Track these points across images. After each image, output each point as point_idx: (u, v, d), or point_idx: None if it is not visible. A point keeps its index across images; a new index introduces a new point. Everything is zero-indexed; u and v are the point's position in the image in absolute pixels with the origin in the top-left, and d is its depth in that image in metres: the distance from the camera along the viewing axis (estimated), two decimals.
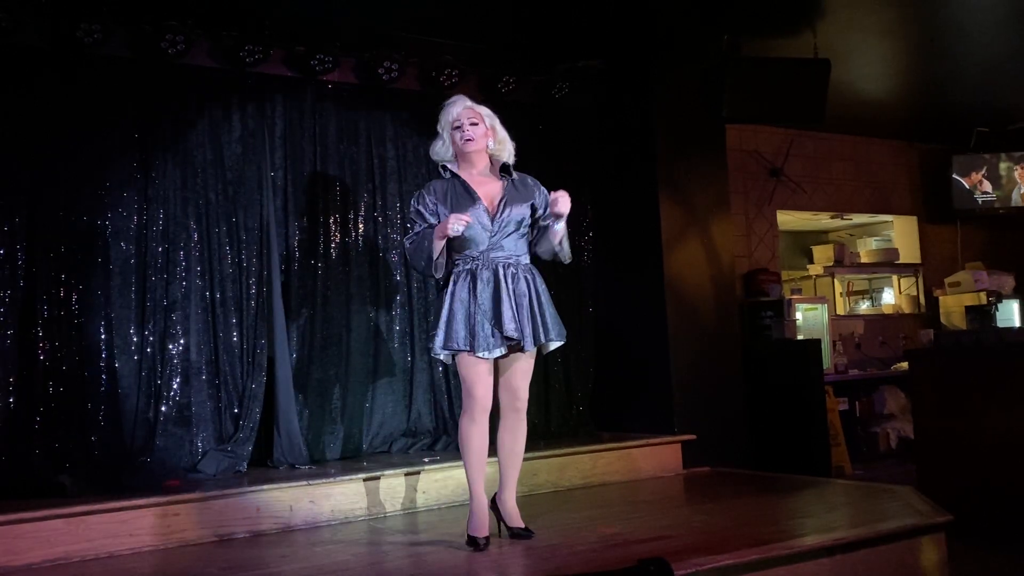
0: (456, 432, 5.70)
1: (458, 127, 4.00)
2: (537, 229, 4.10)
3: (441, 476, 5.00)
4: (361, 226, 5.73)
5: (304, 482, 4.70)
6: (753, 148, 7.94)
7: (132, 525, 4.25)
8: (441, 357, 3.95)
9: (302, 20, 5.33)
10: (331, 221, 5.64)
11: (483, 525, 3.95)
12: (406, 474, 4.94)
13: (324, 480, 4.76)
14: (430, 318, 5.80)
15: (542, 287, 4.04)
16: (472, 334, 3.87)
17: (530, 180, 4.13)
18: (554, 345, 4.07)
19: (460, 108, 4.02)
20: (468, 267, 3.94)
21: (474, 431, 3.94)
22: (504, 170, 4.08)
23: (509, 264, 3.96)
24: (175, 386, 5.04)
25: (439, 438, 5.76)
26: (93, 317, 4.89)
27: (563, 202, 3.93)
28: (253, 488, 4.59)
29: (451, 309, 3.90)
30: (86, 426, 4.79)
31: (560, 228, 4.03)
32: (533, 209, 4.06)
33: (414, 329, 5.83)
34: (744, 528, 4.16)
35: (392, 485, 4.91)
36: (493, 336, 3.88)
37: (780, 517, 4.63)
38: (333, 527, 4.64)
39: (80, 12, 4.72)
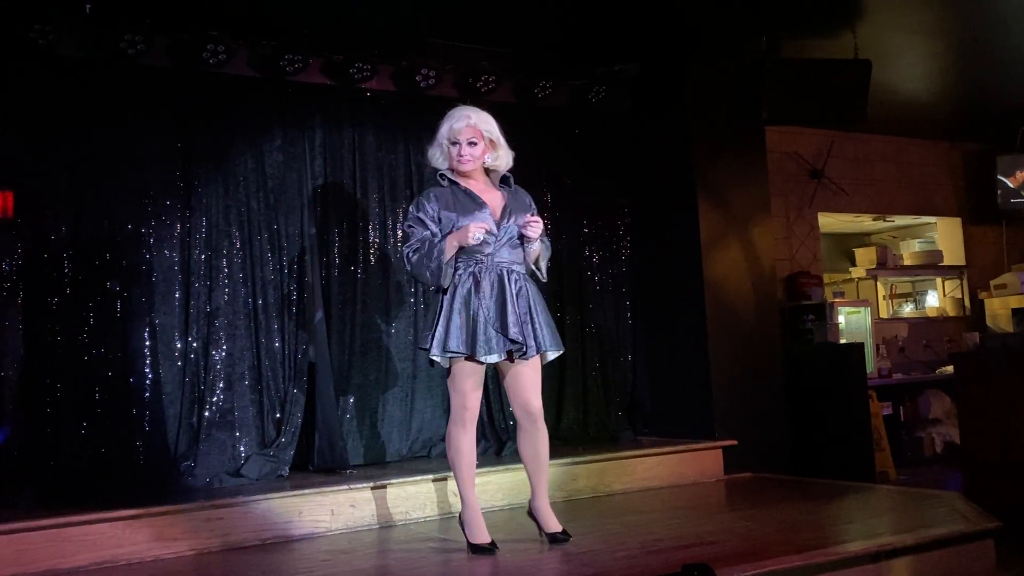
0: (495, 438, 5.77)
1: (455, 143, 3.99)
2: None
3: (480, 481, 4.94)
4: (400, 232, 5.75)
5: (345, 486, 4.73)
6: (793, 150, 7.87)
7: (177, 529, 4.31)
8: (438, 359, 3.91)
9: (340, 29, 5.37)
10: (370, 228, 5.68)
11: (483, 530, 4.00)
12: (446, 479, 4.95)
13: (365, 484, 4.78)
14: None
15: (538, 296, 4.05)
16: (473, 339, 3.85)
17: (524, 195, 4.14)
18: (552, 355, 4.07)
19: (461, 124, 3.97)
20: (471, 270, 3.92)
21: (465, 440, 3.98)
22: (504, 181, 4.10)
23: (512, 271, 3.97)
24: (218, 391, 5.10)
25: (477, 443, 5.75)
26: (138, 324, 4.96)
27: (532, 228, 3.94)
28: (295, 492, 4.63)
29: (451, 311, 3.88)
30: (131, 431, 4.86)
31: (535, 248, 4.03)
32: None
33: None
34: (787, 534, 4.12)
35: (432, 490, 4.93)
36: (495, 341, 3.87)
37: (823, 523, 4.58)
38: (374, 531, 4.67)
39: (123, 23, 4.79)
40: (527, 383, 3.99)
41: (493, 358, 3.90)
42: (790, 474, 5.98)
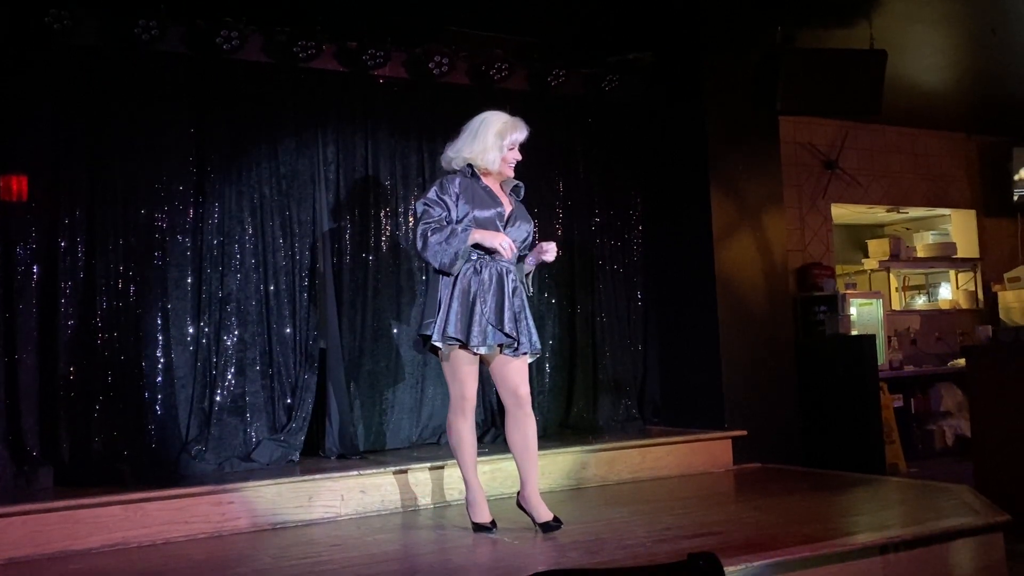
0: (503, 425, 5.77)
1: (512, 149, 4.15)
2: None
3: (490, 468, 5.01)
4: (411, 220, 5.76)
5: (355, 472, 4.76)
6: (807, 140, 7.84)
7: (188, 512, 4.34)
8: (438, 345, 4.00)
9: (353, 16, 5.37)
10: (382, 215, 5.69)
11: (485, 511, 4.16)
12: (456, 466, 4.95)
13: (375, 470, 4.81)
14: None
15: (526, 301, 4.19)
16: (468, 328, 3.96)
17: (525, 209, 4.28)
18: (531, 359, 4.19)
19: (524, 136, 4.16)
20: (472, 264, 4.03)
21: (466, 428, 4.13)
22: (514, 191, 4.25)
23: (509, 271, 4.10)
24: (230, 377, 5.13)
25: (488, 431, 5.78)
26: (150, 309, 4.99)
27: (551, 254, 4.14)
28: (305, 477, 4.66)
29: (451, 300, 3.99)
30: (143, 415, 4.89)
31: (532, 265, 4.24)
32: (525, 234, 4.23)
33: None
34: (795, 525, 4.12)
35: (442, 476, 4.95)
36: (489, 333, 3.98)
37: (832, 514, 4.57)
38: (383, 517, 4.70)
39: (138, 9, 4.80)
40: (516, 370, 4.11)
41: (484, 350, 4.01)
42: (800, 465, 5.98)
